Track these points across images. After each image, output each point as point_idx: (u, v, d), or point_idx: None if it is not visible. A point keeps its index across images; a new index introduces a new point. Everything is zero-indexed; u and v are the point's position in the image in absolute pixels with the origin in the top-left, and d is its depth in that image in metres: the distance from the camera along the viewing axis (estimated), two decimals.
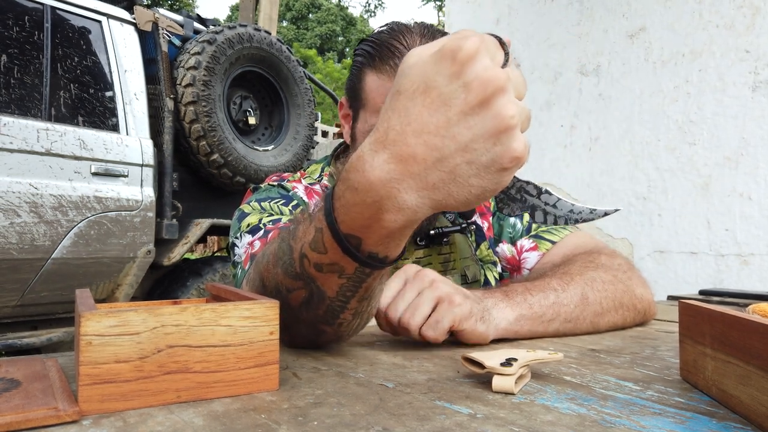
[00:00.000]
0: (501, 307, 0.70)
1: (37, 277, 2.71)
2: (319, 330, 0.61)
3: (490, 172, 0.43)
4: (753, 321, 0.39)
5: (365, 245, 0.49)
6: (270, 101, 3.91)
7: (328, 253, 0.51)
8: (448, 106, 0.42)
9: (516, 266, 1.04)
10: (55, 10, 2.92)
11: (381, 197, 0.44)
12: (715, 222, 2.18)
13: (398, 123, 0.43)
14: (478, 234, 1.05)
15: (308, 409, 0.43)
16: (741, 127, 2.14)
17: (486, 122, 0.41)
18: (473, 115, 0.41)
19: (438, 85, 0.42)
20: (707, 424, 0.41)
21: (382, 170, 0.44)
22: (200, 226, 3.39)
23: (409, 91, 0.43)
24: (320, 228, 0.51)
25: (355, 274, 0.53)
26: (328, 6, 34.67)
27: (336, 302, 0.56)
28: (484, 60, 0.41)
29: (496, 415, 0.42)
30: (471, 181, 0.43)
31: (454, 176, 0.43)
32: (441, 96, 0.42)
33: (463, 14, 3.22)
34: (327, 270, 0.53)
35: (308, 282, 0.55)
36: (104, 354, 0.40)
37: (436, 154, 0.42)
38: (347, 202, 0.47)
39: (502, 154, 0.42)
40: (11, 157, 2.58)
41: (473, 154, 0.42)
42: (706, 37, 2.24)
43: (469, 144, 0.42)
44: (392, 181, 0.44)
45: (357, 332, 0.66)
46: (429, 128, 0.42)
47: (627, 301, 0.84)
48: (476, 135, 0.42)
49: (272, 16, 6.81)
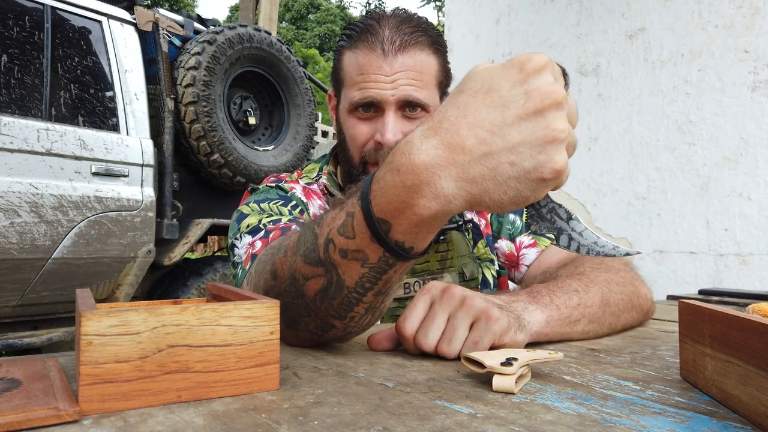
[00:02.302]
0: (531, 310, 0.68)
1: (38, 276, 2.71)
2: (329, 324, 0.61)
3: (529, 179, 0.45)
4: (753, 320, 0.39)
5: (394, 232, 0.50)
6: (270, 101, 3.91)
7: (356, 238, 0.52)
8: (506, 108, 0.45)
9: (514, 262, 1.05)
10: (55, 10, 2.92)
11: (421, 181, 0.46)
12: (715, 222, 2.18)
13: (454, 115, 0.46)
14: (475, 232, 1.06)
15: (308, 408, 0.43)
16: (740, 127, 2.14)
17: (537, 130, 0.44)
18: (527, 121, 0.44)
19: (501, 87, 0.45)
20: (707, 424, 0.41)
21: (429, 154, 0.46)
22: (200, 225, 3.39)
23: (472, 90, 0.46)
24: (352, 212, 0.52)
25: (378, 263, 0.53)
26: (328, 6, 34.68)
27: (353, 293, 0.56)
28: (548, 76, 0.45)
29: (497, 415, 0.42)
30: (509, 183, 0.45)
31: (494, 174, 0.45)
32: (502, 98, 0.45)
33: (463, 14, 3.22)
34: (351, 257, 0.53)
35: (329, 269, 0.55)
36: (105, 354, 0.40)
37: (484, 148, 0.45)
38: (386, 184, 0.48)
39: (544, 163, 0.44)
40: (12, 157, 2.58)
41: (518, 156, 0.44)
42: (705, 37, 2.24)
43: (516, 146, 0.44)
44: (436, 167, 0.45)
45: (361, 332, 0.65)
46: (483, 123, 0.45)
47: (636, 301, 0.84)
48: (525, 139, 0.44)
49: (272, 17, 6.82)
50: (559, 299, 0.72)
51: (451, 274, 1.00)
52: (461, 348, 0.60)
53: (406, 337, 0.62)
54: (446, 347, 0.59)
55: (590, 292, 0.76)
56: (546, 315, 0.69)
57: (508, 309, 0.64)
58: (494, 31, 3.06)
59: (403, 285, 0.98)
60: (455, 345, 0.59)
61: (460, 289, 0.63)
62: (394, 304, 0.99)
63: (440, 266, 1.00)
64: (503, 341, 0.61)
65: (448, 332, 0.60)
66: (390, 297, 0.61)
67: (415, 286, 0.99)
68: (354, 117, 0.94)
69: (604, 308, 0.76)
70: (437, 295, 0.63)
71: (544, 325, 0.68)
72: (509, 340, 0.62)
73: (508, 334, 0.61)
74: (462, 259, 1.01)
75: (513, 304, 0.67)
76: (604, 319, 0.77)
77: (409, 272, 0.96)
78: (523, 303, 0.68)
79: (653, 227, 2.37)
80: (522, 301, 0.69)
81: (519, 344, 0.63)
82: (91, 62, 3.06)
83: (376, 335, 0.67)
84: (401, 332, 0.62)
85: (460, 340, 0.60)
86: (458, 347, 0.60)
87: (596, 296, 0.76)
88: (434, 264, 1.00)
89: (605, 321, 0.77)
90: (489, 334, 0.60)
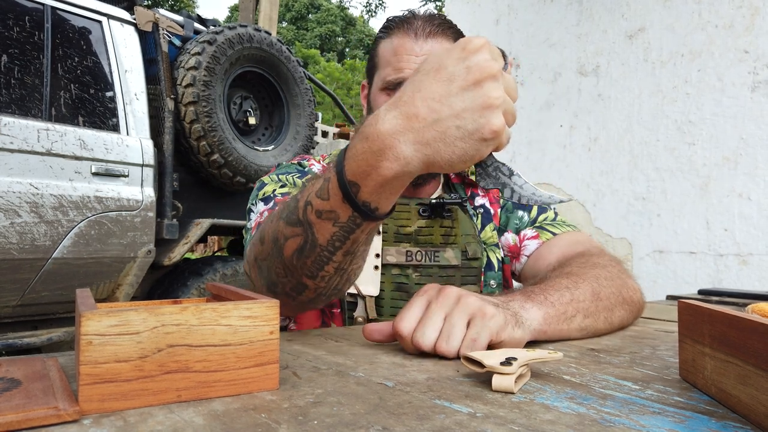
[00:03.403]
0: (527, 307, 0.69)
1: (38, 277, 2.71)
2: (302, 284, 0.69)
3: (472, 139, 0.54)
4: (752, 320, 0.39)
5: (362, 193, 0.58)
6: (270, 101, 3.91)
7: (330, 200, 0.60)
8: (451, 81, 0.54)
9: (516, 253, 1.09)
10: (55, 10, 2.92)
11: (385, 146, 0.54)
12: (714, 222, 2.18)
13: (411, 90, 0.55)
14: (485, 216, 1.11)
15: (308, 408, 0.43)
16: (740, 128, 2.14)
17: (476, 98, 0.53)
18: (468, 91, 0.53)
19: (448, 65, 0.54)
20: (706, 424, 0.41)
21: (390, 123, 0.54)
22: (200, 226, 3.39)
23: (426, 70, 0.56)
24: (328, 177, 0.61)
25: (348, 223, 0.61)
26: (328, 6, 34.66)
27: (325, 252, 0.64)
28: (486, 54, 0.54)
29: (496, 414, 0.42)
30: (457, 144, 0.54)
31: (444, 136, 0.54)
32: (448, 73, 0.54)
33: (463, 14, 3.22)
34: (325, 216, 0.62)
35: (306, 228, 0.64)
36: (104, 353, 0.40)
37: (434, 115, 0.54)
38: (357, 151, 0.57)
39: (483, 125, 0.53)
40: (12, 157, 2.58)
41: (462, 121, 0.53)
42: (705, 37, 2.24)
43: (460, 113, 0.53)
44: (396, 133, 0.54)
45: (330, 299, 0.73)
46: (434, 96, 0.54)
47: (626, 294, 0.85)
48: (467, 106, 0.53)
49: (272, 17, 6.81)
50: (553, 296, 0.73)
51: (453, 250, 1.04)
52: (460, 346, 0.60)
53: (404, 336, 0.62)
54: (445, 345, 0.60)
55: (580, 288, 0.77)
56: (543, 312, 0.69)
57: (504, 307, 0.65)
58: (494, 31, 3.06)
59: (405, 252, 1.03)
60: (453, 343, 0.60)
61: (456, 289, 0.64)
62: (395, 271, 1.03)
63: (443, 240, 1.05)
64: (501, 338, 0.61)
65: (446, 330, 0.61)
66: (357, 260, 0.68)
67: (417, 255, 1.03)
68: (385, 94, 1.02)
69: (596, 302, 0.77)
70: (433, 296, 0.64)
71: (542, 322, 0.69)
72: (507, 337, 0.62)
73: (506, 331, 0.62)
74: (466, 237, 1.06)
75: (509, 303, 0.68)
76: (599, 313, 0.77)
77: (413, 242, 1.03)
78: (519, 301, 0.69)
79: (653, 227, 2.37)
80: (518, 300, 0.70)
81: (517, 341, 0.64)
82: (91, 62, 3.06)
83: (371, 325, 0.68)
84: (399, 332, 0.63)
85: (458, 338, 0.60)
86: (456, 345, 0.60)
87: (587, 291, 0.77)
88: (438, 238, 1.05)
89: (600, 315, 0.77)
90: (486, 330, 0.60)
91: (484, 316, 0.61)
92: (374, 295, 1.01)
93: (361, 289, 1.00)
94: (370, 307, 1.00)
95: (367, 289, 1.01)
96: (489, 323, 0.61)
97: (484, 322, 0.61)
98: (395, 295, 1.01)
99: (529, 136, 2.87)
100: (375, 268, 1.02)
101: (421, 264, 1.03)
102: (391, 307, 1.01)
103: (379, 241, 1.03)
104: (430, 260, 1.03)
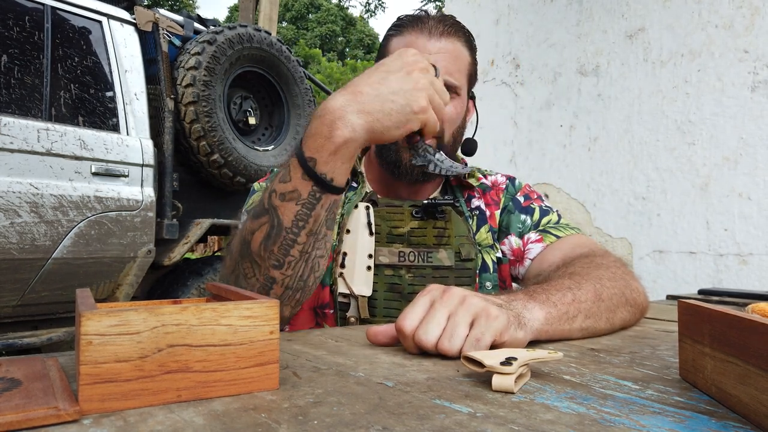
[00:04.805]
0: (530, 307, 0.68)
1: (38, 276, 2.71)
2: (270, 278, 0.76)
3: (404, 111, 0.73)
4: (752, 320, 0.39)
5: (318, 165, 0.72)
6: (270, 101, 3.91)
7: (292, 180, 0.73)
8: (389, 71, 0.75)
9: (520, 256, 1.09)
10: (55, 10, 2.92)
11: (335, 117, 0.71)
12: (714, 222, 2.18)
13: (360, 79, 0.75)
14: (480, 218, 1.11)
15: (308, 408, 0.43)
16: (740, 127, 2.14)
17: (408, 82, 0.74)
18: (402, 77, 0.75)
19: (389, 63, 0.77)
20: (706, 423, 0.41)
21: (340, 101, 0.72)
22: (200, 225, 3.39)
23: (374, 67, 0.77)
24: (289, 162, 0.74)
25: (309, 198, 0.73)
26: (328, 6, 34.64)
27: (290, 234, 0.74)
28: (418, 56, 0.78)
29: (496, 414, 0.42)
30: (393, 114, 0.73)
31: (383, 107, 0.72)
32: (386, 67, 0.76)
33: (463, 14, 3.22)
34: (288, 197, 0.73)
35: (272, 214, 0.74)
36: (105, 353, 0.40)
37: (375, 92, 0.73)
38: (312, 129, 0.72)
39: (412, 102, 0.73)
40: (12, 157, 2.58)
41: (396, 96, 0.73)
42: (705, 37, 2.24)
43: (396, 91, 0.73)
44: (345, 106, 0.72)
45: (297, 295, 0.79)
46: (375, 80, 0.74)
47: (629, 295, 0.84)
48: (401, 87, 0.74)
49: (272, 17, 6.81)
50: (555, 296, 0.73)
51: (446, 251, 1.04)
52: (462, 345, 0.60)
53: (406, 334, 0.62)
54: (447, 344, 0.60)
55: (583, 288, 0.77)
56: (545, 312, 0.69)
57: (507, 307, 0.65)
58: (494, 31, 3.06)
59: (398, 253, 1.03)
60: (456, 342, 0.60)
61: (461, 290, 0.64)
62: (388, 272, 1.02)
63: (436, 241, 1.04)
64: (503, 338, 0.61)
65: (449, 329, 0.60)
66: (322, 241, 0.77)
67: (409, 255, 1.03)
68: None
69: (598, 303, 0.77)
70: (437, 295, 0.64)
71: (544, 322, 0.69)
72: (509, 338, 0.62)
73: (509, 332, 0.62)
74: (459, 239, 1.05)
75: (512, 303, 0.67)
76: (600, 313, 0.77)
77: (405, 243, 1.03)
78: (522, 301, 0.69)
79: (653, 227, 2.37)
80: (520, 300, 0.70)
81: (520, 342, 0.64)
82: (91, 62, 3.06)
83: (375, 327, 0.67)
84: (401, 330, 0.62)
85: (460, 337, 0.60)
86: (459, 344, 0.60)
87: (589, 291, 0.77)
88: (431, 239, 1.04)
89: (602, 316, 0.77)
90: (490, 330, 0.60)
91: (488, 316, 0.61)
92: (367, 296, 1.00)
93: (354, 289, 1.00)
94: (363, 308, 1.00)
95: (360, 290, 1.00)
96: (493, 324, 0.60)
97: (489, 322, 0.60)
98: (388, 296, 1.01)
99: (529, 136, 2.87)
100: (368, 269, 1.01)
101: (414, 264, 1.02)
102: (384, 307, 1.01)
103: (372, 241, 1.03)
104: (423, 261, 1.03)
